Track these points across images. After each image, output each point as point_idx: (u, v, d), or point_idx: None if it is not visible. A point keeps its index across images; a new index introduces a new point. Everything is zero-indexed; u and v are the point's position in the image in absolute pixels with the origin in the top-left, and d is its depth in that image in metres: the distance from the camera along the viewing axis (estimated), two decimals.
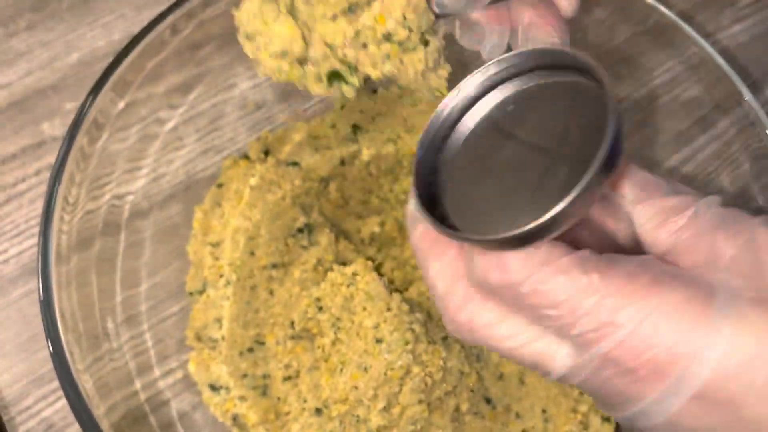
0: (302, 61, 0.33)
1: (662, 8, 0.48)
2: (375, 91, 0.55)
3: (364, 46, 0.33)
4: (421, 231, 0.32)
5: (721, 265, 0.27)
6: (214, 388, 0.46)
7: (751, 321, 0.25)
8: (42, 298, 0.39)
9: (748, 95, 0.44)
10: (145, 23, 0.46)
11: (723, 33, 0.58)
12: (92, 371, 0.41)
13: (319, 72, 0.34)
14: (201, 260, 0.49)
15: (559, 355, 0.29)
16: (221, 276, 0.48)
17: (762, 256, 0.27)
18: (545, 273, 0.27)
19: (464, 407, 0.44)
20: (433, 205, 0.30)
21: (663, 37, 0.48)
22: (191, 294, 0.48)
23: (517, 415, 0.46)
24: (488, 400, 0.46)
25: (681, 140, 0.53)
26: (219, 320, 0.47)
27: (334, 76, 0.34)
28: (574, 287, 0.26)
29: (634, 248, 0.31)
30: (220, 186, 0.51)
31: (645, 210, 0.30)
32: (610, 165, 0.26)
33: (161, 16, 0.46)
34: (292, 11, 0.33)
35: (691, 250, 0.28)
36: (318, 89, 0.34)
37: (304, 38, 0.33)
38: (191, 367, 0.47)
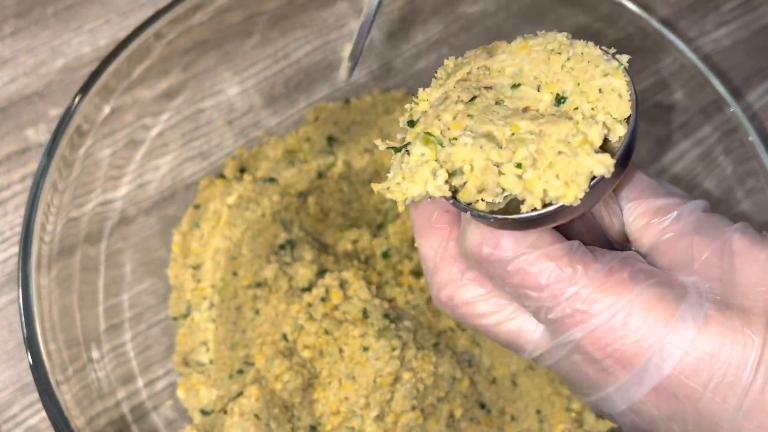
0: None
1: (645, 16, 0.48)
2: (348, 101, 0.55)
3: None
4: (419, 204, 0.33)
5: (694, 267, 0.29)
6: (205, 413, 0.45)
7: (714, 323, 0.27)
8: (22, 308, 0.39)
9: (730, 100, 0.44)
10: (131, 29, 0.46)
11: (706, 38, 0.59)
12: (73, 381, 0.40)
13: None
14: (182, 284, 0.48)
15: (534, 336, 0.31)
16: (204, 298, 0.47)
17: (733, 261, 0.28)
18: (534, 256, 0.28)
19: (458, 413, 0.44)
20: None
21: (646, 43, 0.49)
22: (175, 319, 0.48)
23: (512, 418, 0.46)
24: (482, 405, 0.46)
25: (665, 145, 0.53)
26: (205, 343, 0.47)
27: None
28: (558, 274, 0.28)
29: (623, 242, 0.33)
30: (197, 207, 0.50)
31: (634, 209, 0.31)
32: (624, 164, 0.27)
33: (147, 22, 0.46)
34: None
35: (670, 250, 0.30)
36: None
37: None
38: (180, 394, 0.46)
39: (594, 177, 0.26)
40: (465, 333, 0.47)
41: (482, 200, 0.28)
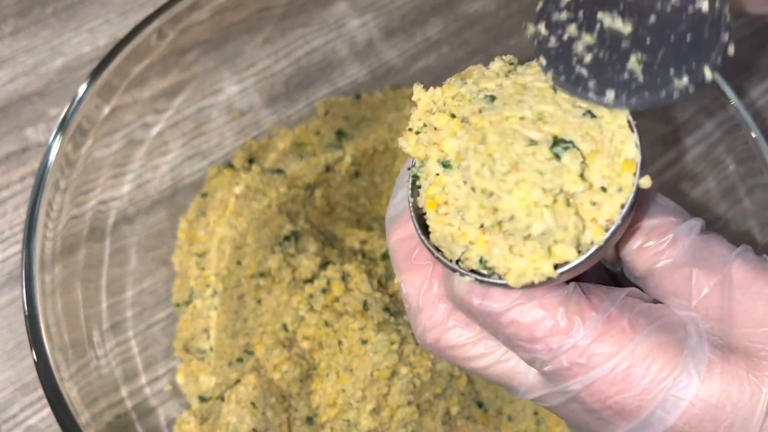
0: None
1: None
2: (359, 97, 0.55)
3: None
4: (400, 237, 0.31)
5: (694, 304, 0.28)
6: (203, 399, 0.46)
7: (718, 370, 0.26)
8: (26, 307, 0.39)
9: (733, 98, 0.44)
10: (130, 28, 0.46)
11: None
12: (77, 379, 0.40)
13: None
14: (187, 271, 0.48)
15: (527, 378, 0.29)
16: (208, 286, 0.47)
17: (733, 296, 0.27)
18: (527, 307, 0.27)
19: (455, 410, 0.44)
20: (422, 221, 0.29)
21: None
22: (178, 305, 0.48)
23: (509, 418, 0.46)
24: (480, 404, 0.46)
25: (667, 142, 0.53)
26: (207, 331, 0.47)
27: None
28: (554, 326, 0.27)
29: (615, 262, 0.31)
30: (204, 195, 0.51)
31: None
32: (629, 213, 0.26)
33: (147, 21, 0.46)
34: None
35: (666, 279, 0.29)
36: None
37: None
38: (180, 379, 0.46)
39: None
40: None
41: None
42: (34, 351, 0.38)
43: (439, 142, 0.27)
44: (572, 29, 0.27)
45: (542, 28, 0.28)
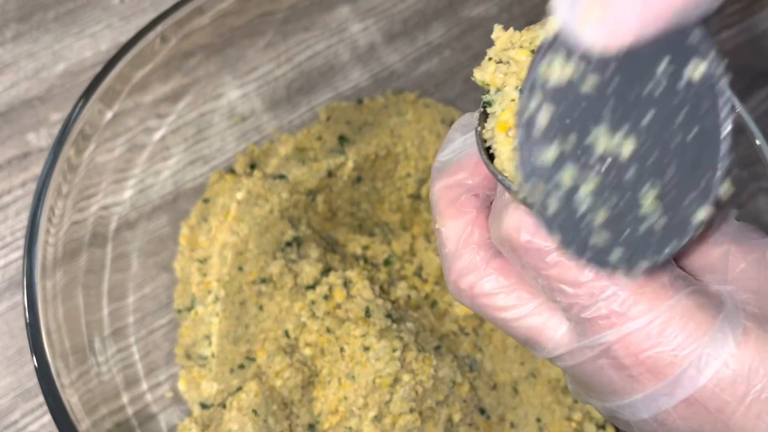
0: None
1: None
2: (361, 101, 0.55)
3: None
4: (446, 185, 0.31)
5: (730, 277, 0.28)
6: (205, 406, 0.45)
7: (753, 336, 0.26)
8: (27, 313, 0.39)
9: (736, 103, 0.44)
10: (132, 33, 0.46)
11: None
12: (78, 386, 0.40)
13: None
14: (188, 277, 0.48)
15: (557, 335, 0.29)
16: (209, 292, 0.47)
17: None
18: None
19: (457, 417, 0.44)
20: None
21: None
22: (179, 311, 0.48)
23: (512, 425, 0.45)
24: (482, 411, 0.45)
25: None
26: (208, 337, 0.47)
27: None
28: (599, 271, 0.26)
29: None
30: (206, 201, 0.51)
31: None
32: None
33: (149, 26, 0.46)
34: None
35: (702, 256, 0.29)
36: None
37: None
38: (181, 386, 0.46)
39: None
40: (468, 337, 0.47)
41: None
42: (34, 357, 0.38)
43: (518, 71, 0.27)
44: (566, 177, 0.24)
45: (529, 187, 0.24)
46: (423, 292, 0.49)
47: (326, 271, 0.46)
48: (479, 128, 0.29)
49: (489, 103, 0.28)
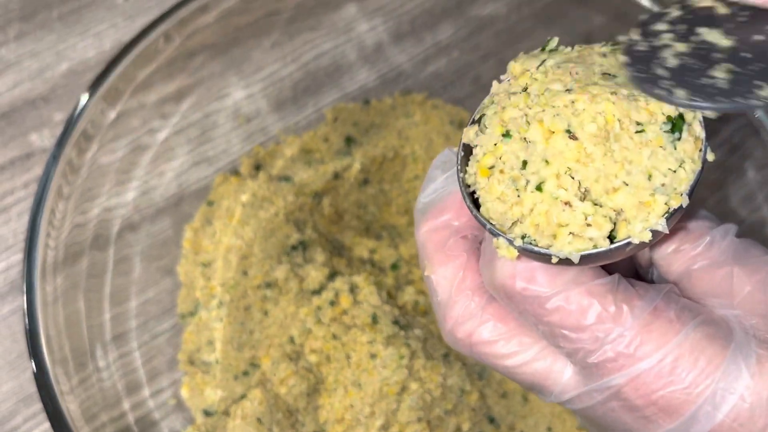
0: None
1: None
2: (368, 102, 0.54)
3: None
4: (432, 228, 0.30)
5: (736, 302, 0.27)
6: (208, 413, 0.45)
7: (766, 366, 0.25)
8: (26, 318, 0.38)
9: None
10: (136, 32, 0.45)
11: None
12: (78, 392, 0.40)
13: None
14: (192, 281, 0.48)
15: (563, 378, 0.28)
16: (213, 297, 0.47)
17: None
18: (574, 293, 0.26)
19: (466, 427, 0.43)
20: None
21: None
22: (183, 316, 0.47)
23: None
24: (491, 419, 0.45)
25: None
26: (212, 343, 0.46)
27: None
28: (602, 314, 0.26)
29: (647, 267, 0.31)
30: (210, 204, 0.50)
31: None
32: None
33: (153, 25, 0.46)
34: None
35: (704, 280, 0.28)
36: None
37: None
38: (184, 393, 0.45)
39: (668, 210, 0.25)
40: None
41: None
42: (33, 363, 0.37)
43: (500, 109, 0.27)
44: (667, 38, 0.27)
45: (636, 34, 0.28)
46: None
47: (332, 276, 0.46)
48: (461, 174, 0.28)
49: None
